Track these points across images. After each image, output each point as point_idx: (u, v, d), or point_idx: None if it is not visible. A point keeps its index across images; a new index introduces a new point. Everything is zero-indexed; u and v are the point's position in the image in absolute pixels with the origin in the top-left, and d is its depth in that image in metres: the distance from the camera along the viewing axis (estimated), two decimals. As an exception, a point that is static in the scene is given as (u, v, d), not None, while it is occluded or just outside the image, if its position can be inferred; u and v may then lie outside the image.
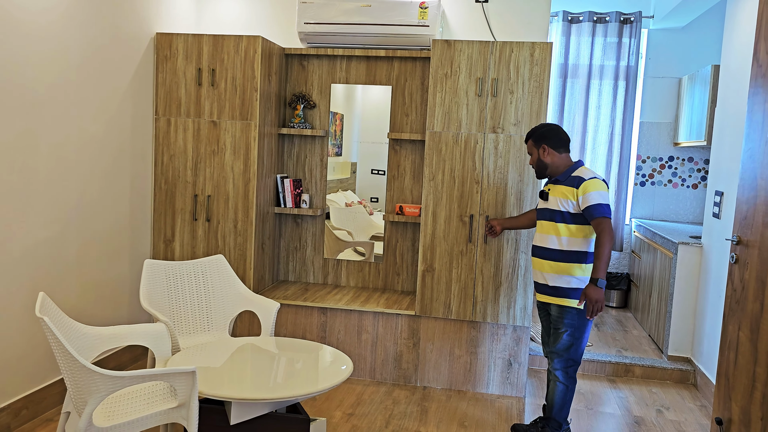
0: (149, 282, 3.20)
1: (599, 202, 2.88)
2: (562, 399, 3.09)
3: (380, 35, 3.98)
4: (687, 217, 5.79)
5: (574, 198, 2.95)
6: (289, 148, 4.37)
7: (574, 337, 3.01)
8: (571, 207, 2.97)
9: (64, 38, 3.20)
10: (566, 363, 3.05)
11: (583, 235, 2.98)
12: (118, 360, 3.79)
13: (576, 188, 2.94)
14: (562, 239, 2.99)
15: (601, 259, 2.85)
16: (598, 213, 2.88)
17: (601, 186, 2.92)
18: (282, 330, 4.02)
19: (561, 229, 3.00)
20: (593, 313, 2.89)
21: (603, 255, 2.85)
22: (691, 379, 4.18)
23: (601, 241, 2.86)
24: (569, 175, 3.01)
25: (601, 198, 2.89)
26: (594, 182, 2.92)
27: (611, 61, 5.60)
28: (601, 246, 2.85)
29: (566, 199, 2.97)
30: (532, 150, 3.11)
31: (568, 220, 2.98)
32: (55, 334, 2.14)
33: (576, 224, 2.97)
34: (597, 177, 2.95)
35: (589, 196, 2.90)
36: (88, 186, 3.48)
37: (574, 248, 2.98)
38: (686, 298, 4.27)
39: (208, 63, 3.89)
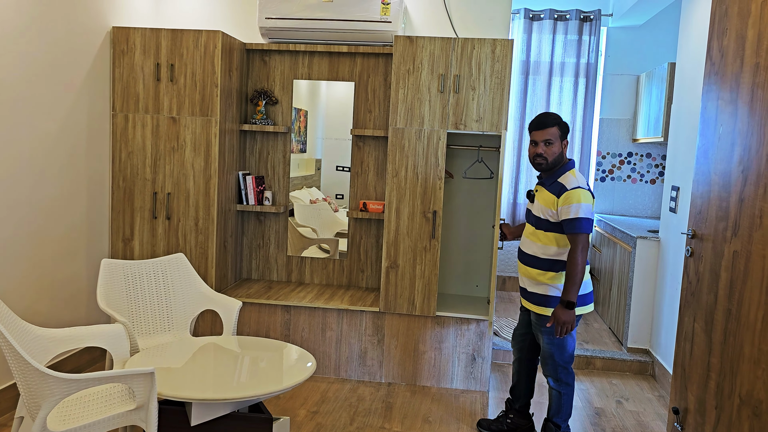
0: (107, 282, 3.12)
1: (578, 216, 2.71)
2: (557, 404, 3.02)
3: (342, 31, 3.96)
4: (645, 211, 5.92)
5: (554, 207, 2.80)
6: (251, 144, 4.31)
7: (554, 344, 2.92)
8: (550, 216, 2.83)
9: (15, 33, 3.10)
10: (555, 369, 2.97)
11: (564, 245, 2.85)
12: (77, 362, 3.69)
13: (557, 197, 2.79)
14: (543, 247, 2.88)
15: (571, 280, 2.72)
16: (573, 228, 2.73)
17: (584, 197, 2.74)
18: (245, 329, 3.98)
19: (542, 236, 2.89)
20: (561, 333, 2.79)
21: (574, 275, 2.71)
22: (649, 371, 4.28)
23: (572, 259, 2.72)
24: (555, 179, 2.84)
25: (582, 212, 2.72)
26: (575, 193, 2.74)
27: (572, 59, 5.68)
28: (573, 264, 2.72)
29: (547, 207, 2.83)
30: (557, 140, 2.82)
31: (548, 228, 2.85)
32: (5, 337, 2.07)
33: (555, 233, 2.84)
34: (581, 186, 2.76)
35: (569, 208, 2.74)
36: (41, 184, 3.38)
37: (552, 257, 2.87)
38: (645, 291, 4.37)
39: (167, 58, 3.82)
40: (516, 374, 3.25)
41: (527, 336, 3.18)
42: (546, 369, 3.00)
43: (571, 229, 2.74)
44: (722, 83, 2.68)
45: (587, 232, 2.73)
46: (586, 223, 2.73)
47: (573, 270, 2.72)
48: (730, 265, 2.50)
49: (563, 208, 2.75)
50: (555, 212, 2.80)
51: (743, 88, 2.47)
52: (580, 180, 2.81)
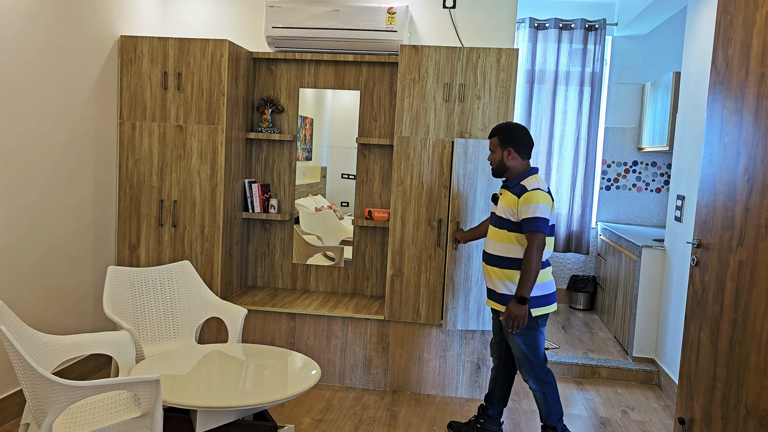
0: (113, 289, 3.14)
1: (535, 215, 2.82)
2: (545, 405, 3.05)
3: (348, 40, 3.98)
4: (651, 220, 5.91)
5: (515, 207, 2.90)
6: (257, 152, 4.33)
7: (528, 344, 2.97)
8: (511, 215, 2.93)
9: (24, 41, 3.13)
10: (532, 370, 3.00)
11: (524, 244, 2.91)
12: (82, 369, 3.70)
13: (518, 198, 2.90)
14: (507, 246, 2.95)
15: (525, 276, 2.81)
16: (530, 227, 2.83)
17: (542, 198, 2.85)
18: (250, 336, 3.98)
19: (505, 236, 2.96)
20: (514, 328, 2.87)
21: (528, 271, 2.81)
22: (655, 380, 4.26)
23: (527, 257, 2.81)
24: (518, 182, 2.96)
25: (539, 211, 2.82)
26: (535, 194, 2.85)
27: (577, 68, 5.69)
28: (527, 261, 2.81)
29: (509, 208, 2.93)
30: (496, 148, 3.02)
31: (510, 228, 2.94)
32: (12, 344, 2.08)
33: (516, 233, 2.93)
34: (540, 189, 2.88)
35: (527, 208, 2.84)
36: (49, 192, 3.40)
37: (516, 255, 2.93)
38: (650, 300, 4.35)
39: (174, 66, 3.84)
40: (493, 381, 3.28)
41: (503, 343, 3.21)
42: (524, 372, 3.02)
43: (529, 228, 2.84)
44: (727, 93, 2.69)
45: (543, 231, 2.83)
46: (543, 223, 2.83)
47: (527, 266, 2.81)
48: (736, 274, 2.49)
49: (522, 207, 2.86)
50: (515, 212, 2.90)
51: (748, 97, 2.48)
52: (540, 184, 2.92)
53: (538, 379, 3.00)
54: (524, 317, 2.84)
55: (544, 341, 3.00)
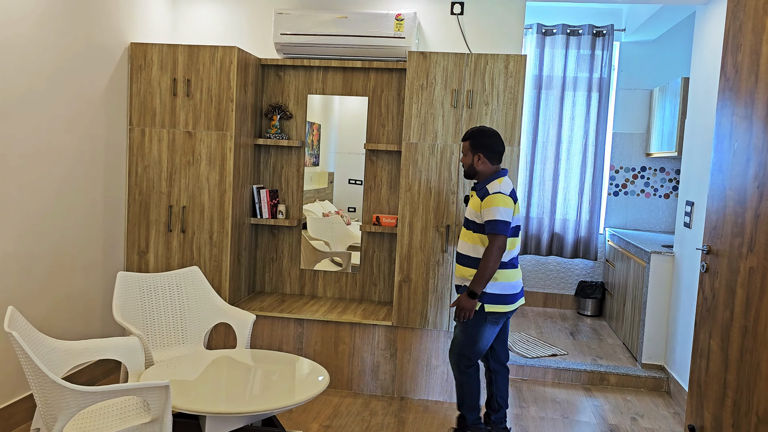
0: (122, 294, 3.15)
1: (495, 218, 2.94)
2: (460, 393, 3.21)
3: (357, 46, 4.00)
4: (659, 226, 5.89)
5: (478, 210, 3.03)
6: (265, 158, 4.35)
7: (466, 335, 3.10)
8: (476, 217, 3.05)
9: (36, 48, 3.16)
10: (458, 358, 3.15)
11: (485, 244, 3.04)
12: (91, 374, 3.72)
13: (481, 200, 3.02)
14: (472, 246, 3.08)
15: (480, 273, 2.95)
16: (491, 229, 2.95)
17: (502, 201, 2.95)
18: (258, 342, 3.99)
19: (472, 236, 3.08)
20: (459, 317, 3.03)
21: (484, 269, 2.94)
22: (664, 387, 4.23)
23: (485, 256, 2.95)
24: (484, 185, 3.06)
25: (499, 214, 2.94)
26: (496, 197, 2.96)
27: (584, 73, 5.68)
28: (484, 260, 2.94)
29: (474, 210, 3.07)
30: (468, 153, 3.12)
31: (475, 229, 3.06)
32: (24, 349, 2.09)
33: (481, 234, 3.05)
34: (502, 192, 2.99)
35: (489, 210, 2.96)
36: (59, 197, 3.42)
37: (478, 255, 3.05)
38: (659, 306, 4.33)
39: (184, 73, 3.87)
40: (489, 385, 3.35)
41: None
42: (451, 357, 3.18)
43: (489, 230, 2.96)
44: (737, 99, 2.68)
45: (502, 233, 2.94)
46: (502, 226, 2.94)
47: (483, 265, 2.94)
48: (746, 281, 2.48)
49: (484, 210, 2.98)
50: (479, 214, 3.02)
51: (758, 103, 2.47)
52: (503, 187, 3.02)
53: (459, 369, 3.16)
54: (471, 310, 2.99)
55: (489, 339, 3.11)
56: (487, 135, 3.10)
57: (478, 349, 3.11)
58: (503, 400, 3.31)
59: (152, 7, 4.18)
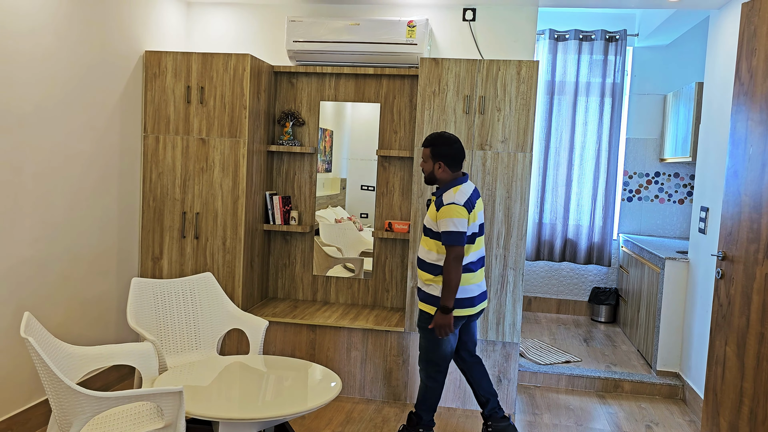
0: (137, 300, 3.18)
1: (450, 229, 2.95)
2: (422, 395, 3.24)
3: (369, 53, 4.01)
4: (674, 232, 5.84)
5: (434, 219, 3.04)
6: (278, 165, 4.37)
7: (428, 339, 3.14)
8: (432, 226, 3.08)
9: (52, 57, 3.20)
10: (426, 364, 3.18)
11: (443, 252, 3.04)
12: (105, 379, 3.75)
13: (437, 211, 3.03)
14: (427, 252, 3.11)
15: (447, 287, 2.97)
16: (446, 240, 2.97)
17: (456, 213, 2.95)
18: (271, 347, 4.00)
19: (428, 243, 3.11)
20: (441, 335, 3.04)
21: (448, 282, 2.96)
22: (679, 394, 4.19)
23: (445, 268, 2.97)
24: (441, 193, 3.07)
25: (453, 225, 2.95)
26: (449, 209, 2.97)
27: (597, 78, 5.66)
28: (446, 273, 2.97)
29: (430, 219, 3.09)
30: (428, 160, 3.11)
31: (431, 236, 3.08)
32: (40, 355, 2.11)
33: (436, 241, 3.06)
34: (455, 203, 2.98)
35: (443, 222, 2.98)
36: (75, 204, 3.46)
37: (434, 261, 3.08)
38: (674, 313, 4.29)
39: (197, 81, 3.90)
40: (470, 382, 3.36)
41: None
42: (420, 364, 3.22)
43: (445, 241, 2.98)
44: (752, 104, 2.66)
45: (458, 244, 2.95)
46: (457, 236, 2.95)
47: (446, 278, 2.97)
48: (763, 287, 2.46)
49: (440, 221, 3.00)
50: (435, 223, 3.04)
51: (773, 108, 2.45)
52: (458, 197, 3.00)
53: (428, 374, 3.20)
54: (449, 325, 3.01)
55: (452, 343, 3.15)
56: (448, 144, 3.07)
57: (443, 353, 3.14)
58: (487, 392, 3.32)
59: (167, 15, 4.22)
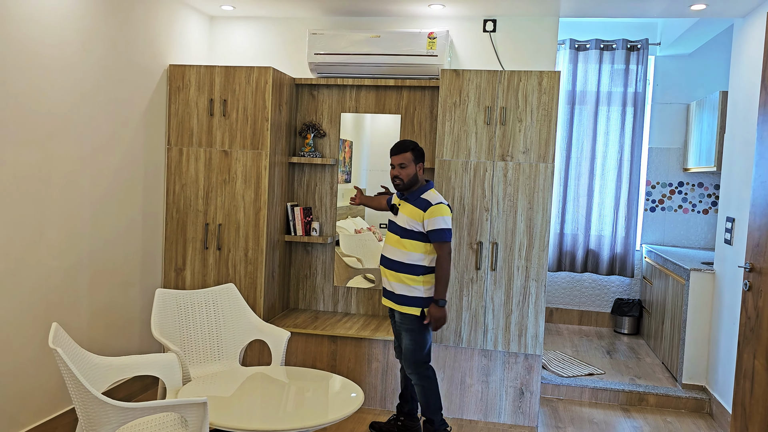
0: (161, 311, 3.21)
1: (442, 227, 3.12)
2: (424, 398, 3.29)
3: (389, 65, 4.03)
4: (698, 242, 5.76)
5: (420, 220, 3.15)
6: (299, 176, 4.40)
7: (416, 341, 3.23)
8: (417, 227, 3.17)
9: (79, 71, 3.27)
10: (416, 365, 3.25)
11: (424, 251, 3.19)
12: (129, 389, 3.78)
13: (423, 211, 3.15)
14: (406, 253, 3.20)
15: (440, 281, 3.15)
16: (439, 238, 3.13)
17: (446, 211, 3.15)
18: (292, 358, 4.01)
19: (406, 244, 3.20)
20: (436, 328, 3.20)
21: (442, 277, 3.14)
22: (706, 408, 4.12)
23: (440, 264, 3.15)
24: (418, 196, 3.20)
25: (444, 223, 3.13)
26: (439, 208, 3.14)
27: (619, 88, 5.63)
28: (440, 269, 3.14)
29: (413, 220, 3.18)
30: (410, 164, 3.21)
31: (413, 237, 3.19)
32: (68, 366, 2.14)
33: (418, 241, 3.19)
34: (443, 202, 3.17)
35: (434, 220, 3.12)
36: (100, 216, 3.51)
37: (415, 262, 3.19)
38: (700, 325, 4.23)
39: (220, 93, 3.95)
40: (403, 380, 3.49)
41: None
42: (407, 365, 3.28)
43: (437, 238, 3.13)
44: (779, 113, 2.63)
45: (448, 240, 3.15)
46: (448, 233, 3.15)
47: (441, 273, 3.15)
48: (792, 300, 2.41)
49: (430, 220, 3.13)
50: (421, 224, 3.16)
51: (801, 118, 2.42)
52: (441, 197, 3.21)
53: (419, 374, 3.26)
54: (444, 317, 3.19)
55: (430, 341, 3.29)
56: (418, 146, 3.28)
57: (429, 350, 3.28)
58: None
59: (190, 29, 4.29)
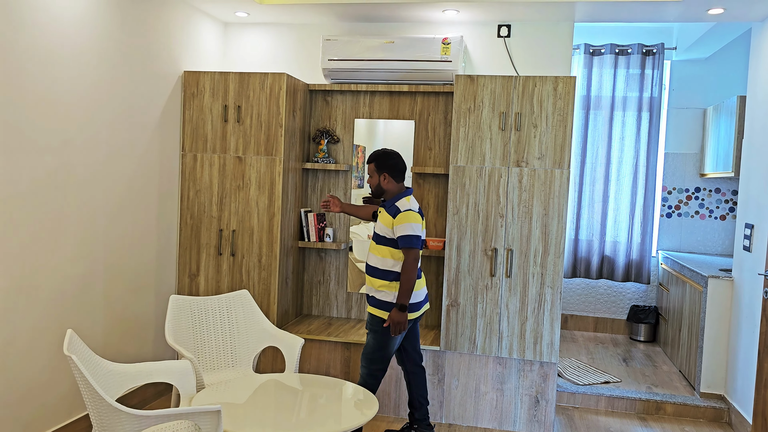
0: (175, 318, 3.21)
1: (408, 233, 3.17)
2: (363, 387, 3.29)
3: (403, 71, 4.02)
4: (715, 249, 5.69)
5: (390, 227, 3.23)
6: (313, 182, 4.39)
7: (378, 342, 3.28)
8: (388, 233, 3.24)
9: (95, 78, 3.28)
10: (370, 362, 3.31)
11: (396, 258, 3.25)
12: (143, 394, 3.78)
13: (393, 218, 3.22)
14: (381, 259, 3.27)
15: (404, 286, 3.17)
16: (405, 244, 3.18)
17: (413, 218, 3.19)
18: (306, 365, 3.99)
19: (381, 250, 3.27)
20: (396, 332, 3.20)
21: (407, 282, 3.17)
22: (725, 418, 4.05)
23: (405, 270, 3.18)
24: (393, 203, 3.28)
25: (411, 230, 3.17)
26: (407, 214, 3.20)
27: (634, 93, 5.58)
28: (405, 273, 3.18)
29: (386, 227, 3.25)
30: (374, 174, 3.34)
31: (386, 243, 3.25)
32: (82, 372, 2.14)
33: (390, 248, 3.25)
34: (411, 209, 3.23)
35: (401, 227, 3.18)
36: (115, 222, 3.52)
37: (388, 268, 3.25)
38: (718, 332, 4.17)
39: (234, 100, 3.96)
40: (409, 386, 3.50)
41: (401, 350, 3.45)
42: (363, 359, 3.34)
43: (405, 244, 3.19)
44: (801, 119, 2.58)
45: (415, 247, 3.19)
46: (415, 240, 3.19)
47: (405, 278, 3.18)
48: (816, 310, 2.36)
49: (398, 226, 3.20)
50: (391, 230, 3.23)
51: (824, 124, 2.37)
52: (412, 204, 3.27)
53: (369, 372, 3.32)
54: (405, 322, 3.20)
55: (396, 344, 3.32)
56: (390, 156, 3.33)
57: (387, 353, 3.32)
58: (423, 398, 3.49)
59: (205, 36, 4.30)
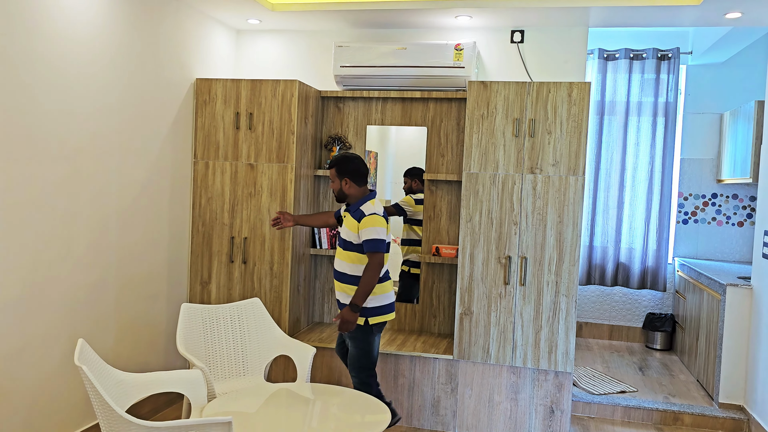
0: (186, 326, 3.19)
1: (372, 237, 3.17)
2: None
3: (416, 77, 3.99)
4: (733, 255, 5.60)
5: (356, 231, 3.22)
6: (325, 189, 4.37)
7: (360, 348, 3.29)
8: (354, 238, 3.24)
9: (107, 86, 3.29)
10: (359, 370, 3.31)
11: (363, 263, 3.24)
12: (154, 403, 3.77)
13: (358, 222, 3.22)
14: (348, 265, 3.27)
15: (362, 288, 3.16)
16: (368, 247, 3.18)
17: (377, 222, 3.19)
18: (317, 373, 3.96)
19: (349, 255, 3.27)
20: (343, 329, 3.21)
21: (365, 284, 3.16)
22: (744, 429, 3.97)
23: (366, 272, 3.17)
24: (357, 207, 3.27)
25: (375, 233, 3.17)
26: (371, 218, 3.20)
27: (649, 98, 5.51)
28: (365, 276, 3.17)
29: (351, 232, 3.25)
30: (335, 179, 3.34)
31: (353, 249, 3.25)
32: (93, 383, 2.12)
33: (357, 253, 3.24)
34: (376, 213, 3.23)
35: (365, 231, 3.18)
36: (127, 230, 3.52)
37: (357, 273, 3.25)
38: (737, 341, 4.09)
39: (246, 107, 3.95)
40: None
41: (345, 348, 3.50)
42: (352, 370, 3.36)
43: (368, 248, 3.18)
44: (823, 125, 2.52)
45: (380, 251, 3.18)
46: (380, 243, 3.18)
47: (365, 280, 3.16)
48: (841, 321, 2.30)
49: (362, 231, 3.20)
50: (356, 235, 3.22)
51: None
52: (377, 208, 3.27)
53: (360, 380, 3.33)
54: (354, 323, 3.19)
55: (377, 346, 3.36)
56: (350, 160, 3.33)
57: (373, 358, 3.34)
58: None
59: (217, 43, 4.30)
